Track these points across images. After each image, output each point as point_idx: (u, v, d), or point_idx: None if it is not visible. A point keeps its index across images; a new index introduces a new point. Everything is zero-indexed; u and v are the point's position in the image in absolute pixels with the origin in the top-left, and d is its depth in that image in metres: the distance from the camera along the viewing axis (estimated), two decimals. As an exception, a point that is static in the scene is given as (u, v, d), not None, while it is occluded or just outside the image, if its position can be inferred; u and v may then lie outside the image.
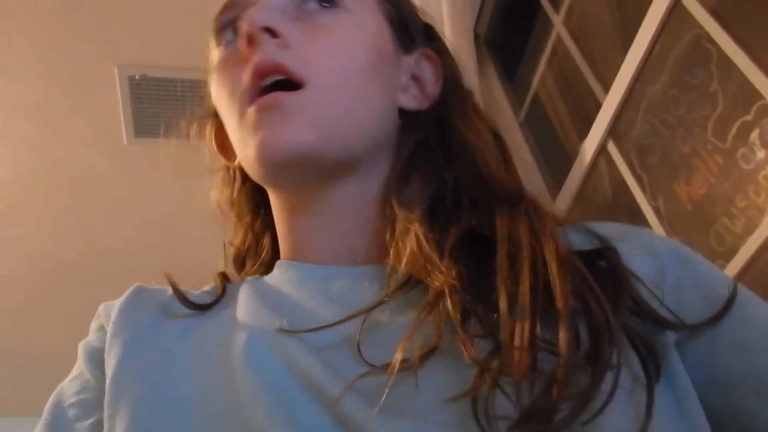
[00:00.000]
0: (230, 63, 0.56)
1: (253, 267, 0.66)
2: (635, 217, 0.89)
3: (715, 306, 0.47)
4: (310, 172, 0.54)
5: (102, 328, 0.54)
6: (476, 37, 1.60)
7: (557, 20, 1.35)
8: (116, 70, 2.01)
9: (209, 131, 0.66)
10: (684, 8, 0.83)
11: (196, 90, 0.81)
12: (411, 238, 0.49)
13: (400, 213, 0.51)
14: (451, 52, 0.66)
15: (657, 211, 0.85)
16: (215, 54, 0.59)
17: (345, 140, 0.54)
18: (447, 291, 0.44)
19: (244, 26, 0.52)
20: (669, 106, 0.84)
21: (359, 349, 0.44)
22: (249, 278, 0.59)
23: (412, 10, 0.65)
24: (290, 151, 0.51)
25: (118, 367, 0.49)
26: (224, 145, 0.65)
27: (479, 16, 1.69)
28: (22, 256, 2.46)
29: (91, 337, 0.55)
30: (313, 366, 0.44)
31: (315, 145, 0.51)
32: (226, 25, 0.58)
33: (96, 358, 0.52)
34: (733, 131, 0.73)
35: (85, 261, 2.48)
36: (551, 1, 1.40)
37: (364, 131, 0.55)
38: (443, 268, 0.45)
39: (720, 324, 0.46)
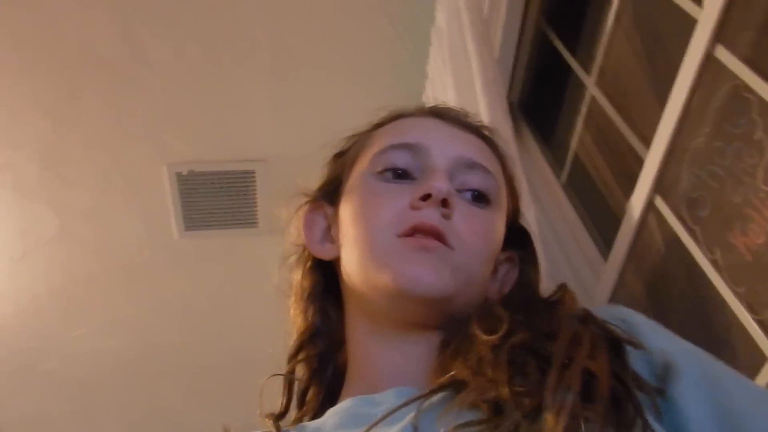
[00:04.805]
0: (386, 196, 0.67)
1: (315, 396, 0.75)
2: (692, 271, 0.87)
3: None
4: (429, 313, 0.63)
5: None
6: (510, 104, 1.63)
7: (590, 82, 1.36)
8: (165, 168, 2.09)
9: (305, 210, 0.76)
10: (717, 60, 0.83)
11: (240, 181, 0.86)
12: (468, 350, 0.57)
13: (458, 331, 0.60)
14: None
15: (715, 263, 0.82)
16: (372, 180, 0.69)
17: (465, 297, 0.65)
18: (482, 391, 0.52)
19: (431, 190, 0.64)
20: (714, 158, 0.83)
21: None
22: (292, 429, 0.63)
23: (518, 218, 0.80)
24: (433, 290, 0.60)
25: None
26: (311, 228, 0.75)
27: (511, 84, 1.72)
28: (84, 356, 2.51)
29: None
30: None
31: (452, 294, 0.62)
32: (396, 164, 0.69)
33: None
34: (785, 177, 0.72)
35: (145, 357, 2.51)
36: (582, 63, 1.41)
37: (472, 298, 0.67)
38: (492, 376, 0.52)
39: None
